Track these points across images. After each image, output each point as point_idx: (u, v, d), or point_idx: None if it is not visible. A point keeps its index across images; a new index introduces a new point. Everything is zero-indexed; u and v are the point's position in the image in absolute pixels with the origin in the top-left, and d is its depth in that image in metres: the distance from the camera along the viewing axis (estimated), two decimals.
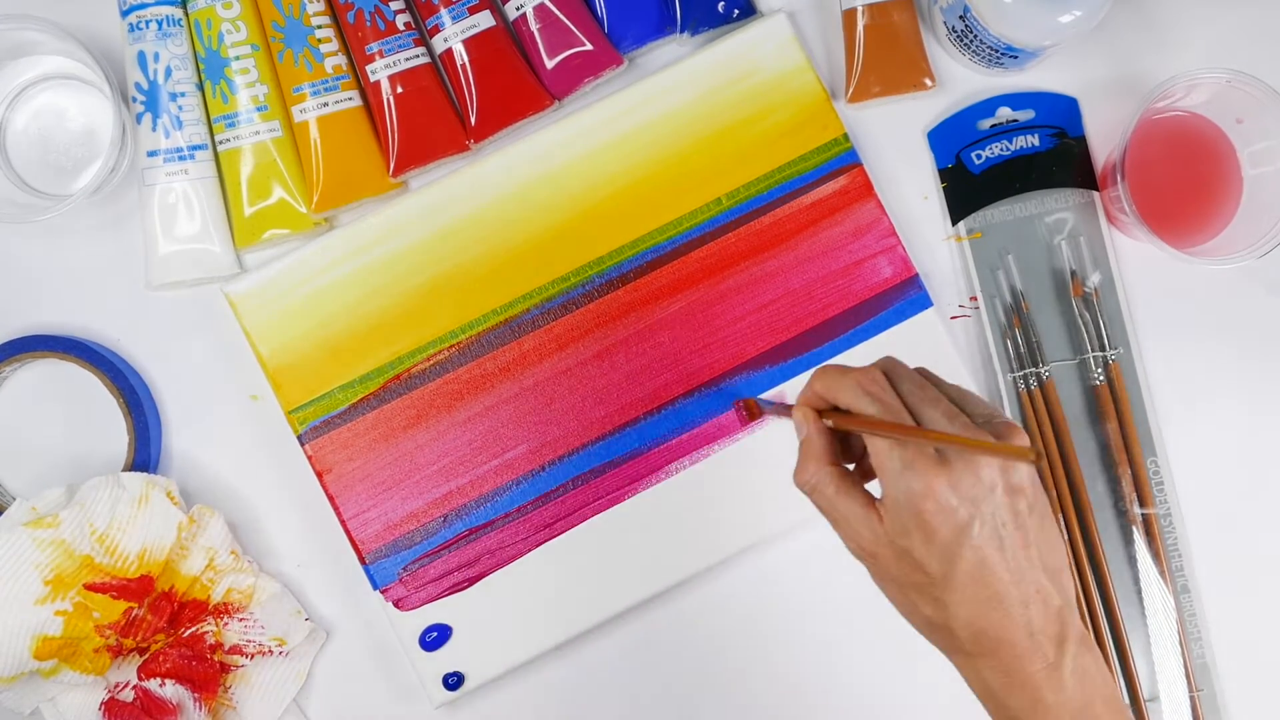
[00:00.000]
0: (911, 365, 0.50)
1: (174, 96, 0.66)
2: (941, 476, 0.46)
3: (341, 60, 0.67)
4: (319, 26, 0.67)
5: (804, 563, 0.68)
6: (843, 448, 0.51)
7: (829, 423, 0.50)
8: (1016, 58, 0.65)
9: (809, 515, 0.66)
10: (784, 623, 0.68)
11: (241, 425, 0.69)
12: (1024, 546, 0.47)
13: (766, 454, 0.67)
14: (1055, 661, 0.47)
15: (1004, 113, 0.68)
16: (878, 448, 0.47)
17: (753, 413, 0.65)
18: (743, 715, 0.68)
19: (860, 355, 0.67)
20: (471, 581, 0.66)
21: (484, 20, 0.67)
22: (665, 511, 0.66)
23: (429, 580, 0.66)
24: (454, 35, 0.66)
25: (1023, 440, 0.47)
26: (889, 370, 0.49)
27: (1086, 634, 0.49)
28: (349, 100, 0.67)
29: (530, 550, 0.66)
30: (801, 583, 0.68)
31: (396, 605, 0.66)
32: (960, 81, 0.69)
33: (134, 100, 0.67)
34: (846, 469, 0.50)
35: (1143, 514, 0.66)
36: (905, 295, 0.67)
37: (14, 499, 0.67)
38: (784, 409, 0.54)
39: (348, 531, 0.66)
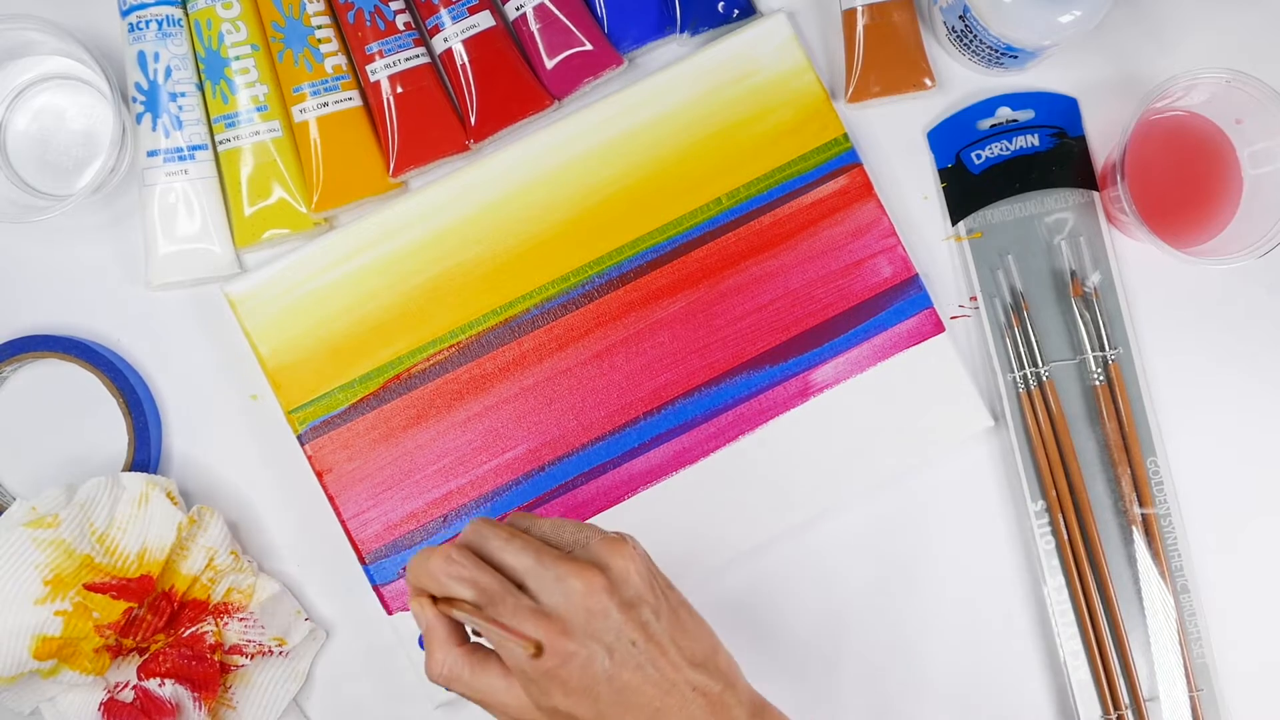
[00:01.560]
0: (906, 367, 0.50)
1: (174, 96, 0.67)
2: (553, 628, 0.45)
3: (341, 60, 0.67)
4: (319, 26, 0.67)
5: (804, 563, 0.68)
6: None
7: (440, 609, 0.49)
8: (1016, 58, 0.65)
9: (808, 516, 0.67)
10: (784, 622, 0.68)
11: (241, 425, 0.69)
12: (662, 654, 0.46)
13: (766, 455, 0.67)
14: None
15: (1004, 113, 0.68)
16: (483, 627, 0.47)
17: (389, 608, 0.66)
18: None
19: (860, 355, 0.67)
20: None
21: (484, 20, 0.67)
22: (664, 512, 0.66)
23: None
24: (454, 35, 0.66)
25: (619, 556, 0.47)
26: (474, 537, 0.49)
27: (758, 699, 0.49)
28: (349, 100, 0.67)
29: None
30: (801, 582, 0.68)
31: (395, 628, 0.66)
32: (960, 81, 0.69)
33: (134, 100, 0.67)
34: (478, 644, 0.49)
35: (1143, 514, 0.66)
36: (905, 295, 0.67)
37: (14, 499, 0.67)
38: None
39: (347, 531, 0.66)
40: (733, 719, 0.48)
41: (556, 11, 0.67)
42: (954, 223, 0.68)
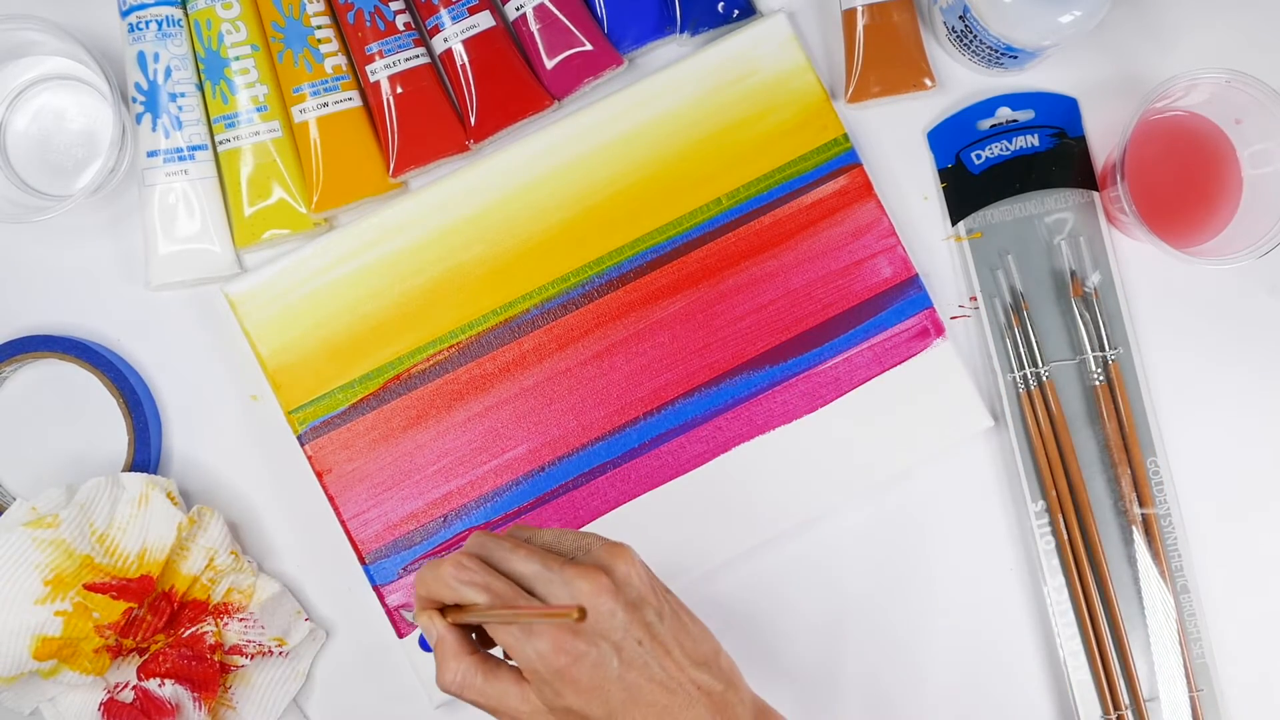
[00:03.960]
0: (906, 367, 0.50)
1: (174, 97, 0.67)
2: (562, 628, 0.46)
3: (341, 60, 0.67)
4: (319, 27, 0.67)
5: (804, 563, 0.68)
6: (479, 635, 0.51)
7: (450, 619, 0.50)
8: (1016, 58, 0.65)
9: (808, 517, 0.67)
10: (785, 622, 0.68)
11: (241, 425, 0.69)
12: (667, 654, 0.48)
13: (766, 455, 0.67)
14: None
15: (1004, 113, 0.68)
16: (495, 630, 0.48)
17: (399, 629, 0.66)
18: None
19: (860, 355, 0.67)
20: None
21: (484, 20, 0.67)
22: (664, 512, 0.66)
23: None
24: (454, 35, 0.66)
25: (622, 560, 0.48)
26: (478, 548, 0.50)
27: (760, 702, 0.50)
28: (349, 100, 0.67)
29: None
30: (802, 582, 0.68)
31: (396, 628, 0.66)
32: (960, 81, 0.69)
33: (134, 100, 0.67)
34: (488, 654, 0.50)
35: (1142, 514, 0.66)
36: (905, 295, 0.67)
37: (14, 499, 0.67)
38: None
39: (347, 532, 0.66)
40: (736, 717, 0.49)
41: (556, 11, 0.67)
42: (954, 223, 0.68)
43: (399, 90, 0.67)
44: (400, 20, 0.66)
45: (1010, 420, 0.67)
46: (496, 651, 0.52)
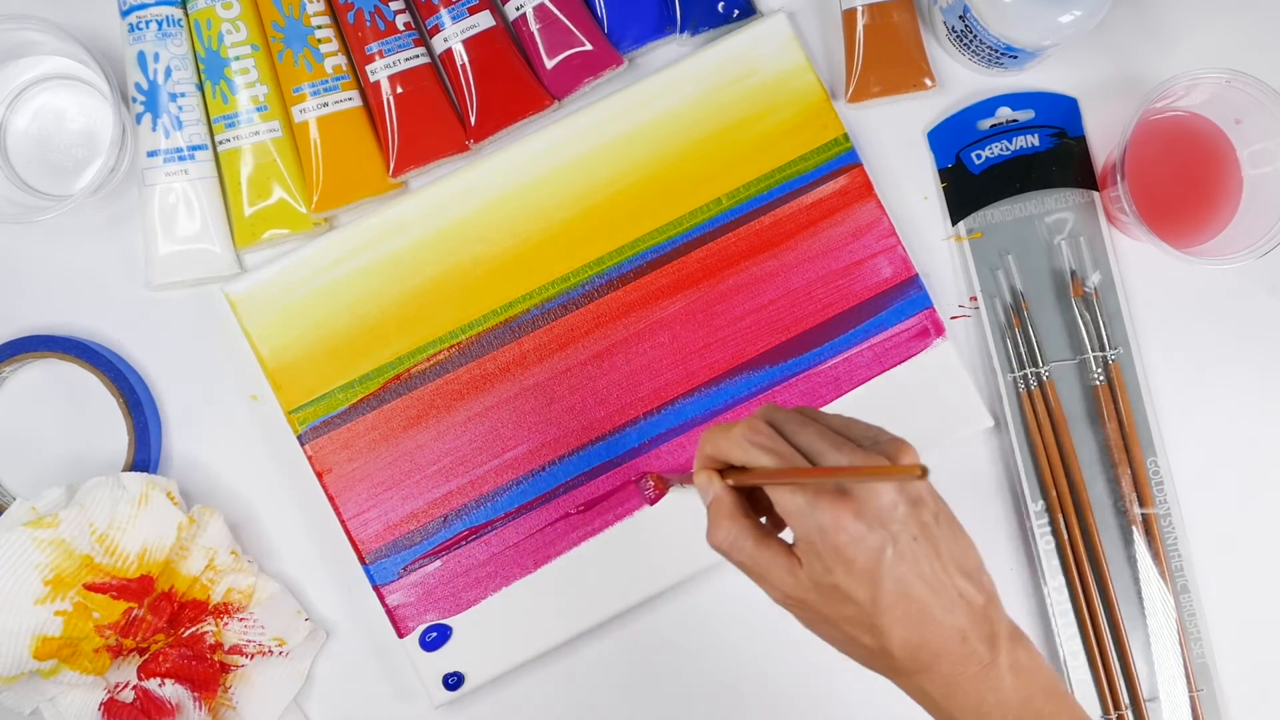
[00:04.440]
0: (906, 367, 0.51)
1: (174, 97, 0.66)
2: (846, 507, 0.46)
3: (341, 60, 0.67)
4: (319, 27, 0.67)
5: None
6: (750, 502, 0.51)
7: (730, 482, 0.50)
8: (1016, 58, 0.65)
9: None
10: (783, 621, 0.68)
11: (241, 425, 0.69)
12: (937, 556, 0.48)
13: None
14: (990, 661, 0.48)
15: (1004, 113, 0.68)
16: (780, 495, 0.48)
17: (659, 487, 0.66)
18: (746, 713, 0.68)
19: (860, 355, 0.67)
20: (474, 602, 0.66)
21: (484, 20, 0.67)
22: (665, 512, 0.66)
23: (430, 601, 0.66)
24: (454, 35, 0.66)
25: (911, 457, 0.48)
26: (770, 417, 0.50)
27: (1016, 628, 0.49)
28: (349, 100, 0.67)
29: (537, 568, 0.66)
30: None
31: (396, 627, 0.66)
32: (960, 81, 0.69)
33: (134, 100, 0.67)
34: (759, 522, 0.50)
35: (1143, 514, 0.66)
36: (905, 295, 0.67)
37: (14, 499, 0.67)
38: (687, 477, 0.55)
39: (348, 531, 0.66)
40: (993, 634, 0.48)
41: (556, 11, 0.67)
42: (954, 223, 0.68)
43: (399, 90, 0.67)
44: (400, 20, 0.66)
45: (1010, 420, 0.67)
46: None
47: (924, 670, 0.48)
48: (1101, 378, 0.67)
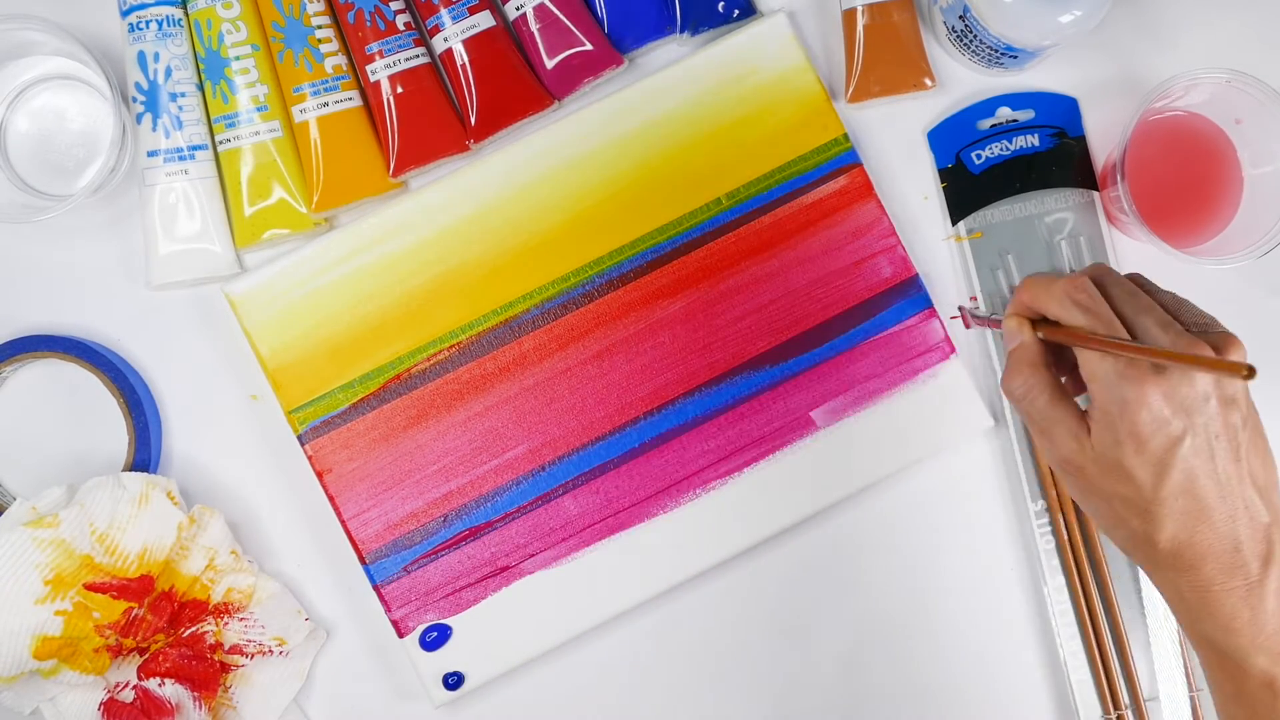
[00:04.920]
0: (904, 367, 0.50)
1: (174, 96, 0.67)
2: (1156, 386, 0.45)
3: (341, 60, 0.67)
4: (319, 26, 0.67)
5: (804, 561, 0.68)
6: (1054, 358, 0.49)
7: (1040, 335, 0.49)
8: (1016, 58, 0.65)
9: (808, 516, 0.67)
10: (786, 621, 0.68)
11: (241, 425, 0.69)
12: (1235, 461, 0.46)
13: (766, 455, 0.67)
14: (1259, 579, 0.46)
15: (1004, 113, 0.68)
16: (1088, 357, 0.46)
17: (965, 322, 0.65)
18: (748, 712, 0.68)
19: (861, 355, 0.67)
20: (474, 602, 0.66)
21: (484, 20, 0.67)
22: (666, 512, 0.66)
23: (430, 601, 0.66)
24: (454, 35, 0.66)
25: (1239, 354, 0.46)
26: (1099, 277, 0.48)
27: None
28: (349, 100, 0.67)
29: (537, 569, 0.66)
30: (800, 581, 0.68)
31: (396, 627, 0.66)
32: (960, 81, 0.69)
33: (134, 100, 0.67)
34: (1058, 379, 0.49)
35: None
36: (905, 295, 0.67)
37: (14, 499, 0.67)
38: (995, 321, 0.53)
39: (348, 531, 0.66)
40: (1270, 554, 0.46)
41: (556, 11, 0.67)
42: (954, 223, 0.68)
43: (399, 90, 0.67)
44: (400, 20, 0.66)
45: (1010, 420, 0.67)
46: None
47: (1185, 569, 0.46)
48: None
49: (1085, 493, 0.48)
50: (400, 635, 0.66)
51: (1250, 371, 0.42)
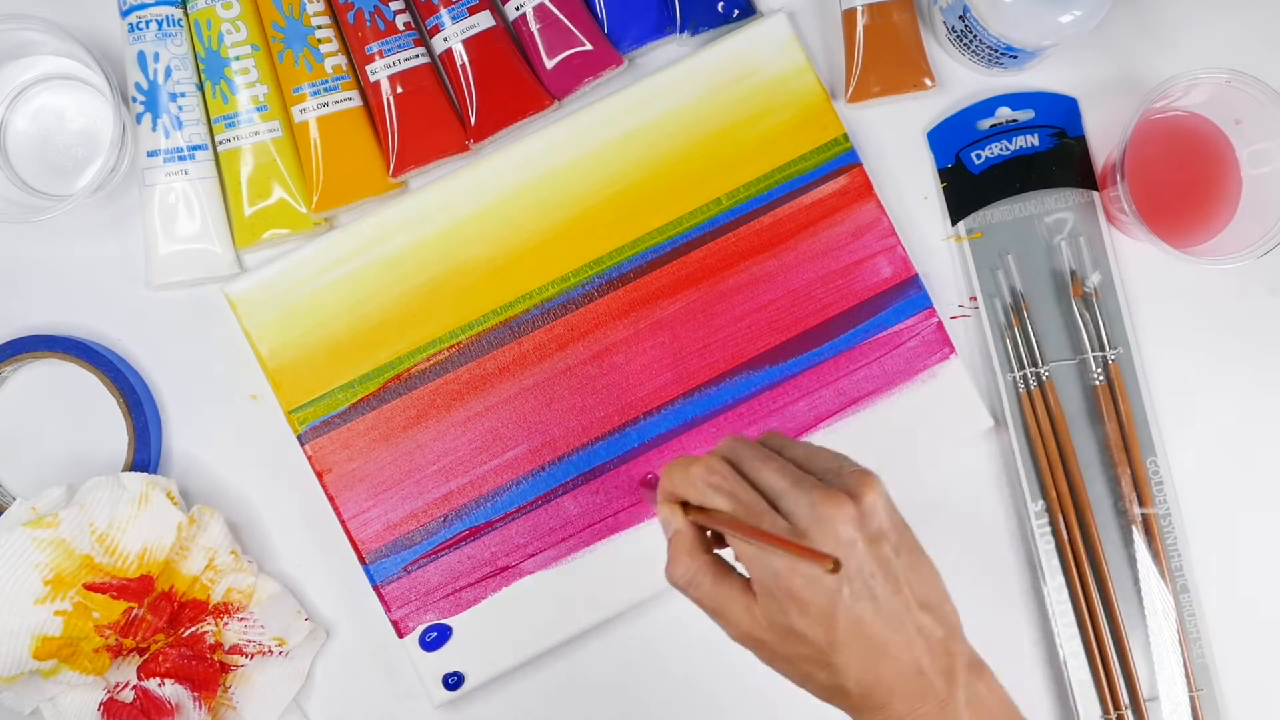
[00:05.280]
0: (903, 365, 0.50)
1: (174, 96, 0.67)
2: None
3: (341, 60, 0.67)
4: (319, 27, 0.67)
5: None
6: (714, 534, 0.51)
7: (691, 518, 0.50)
8: (1016, 58, 0.65)
9: None
10: None
11: (241, 425, 0.69)
12: (896, 592, 0.47)
13: None
14: (947, 696, 0.47)
15: (1004, 113, 0.68)
16: (733, 538, 0.48)
17: (647, 500, 0.66)
18: (748, 712, 0.68)
19: (860, 355, 0.67)
20: (473, 602, 0.66)
21: (484, 20, 0.67)
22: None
23: (430, 601, 0.66)
24: (454, 35, 0.66)
25: (873, 489, 0.48)
26: (730, 453, 0.49)
27: (977, 659, 0.49)
28: (349, 100, 0.67)
29: (537, 569, 0.66)
30: None
31: (396, 627, 0.66)
32: (960, 81, 0.69)
33: (134, 100, 0.67)
34: (719, 557, 0.50)
35: (1142, 514, 0.66)
36: (905, 295, 0.67)
37: (14, 499, 0.67)
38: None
39: (347, 531, 0.66)
40: (952, 668, 0.48)
41: (556, 11, 0.67)
42: (954, 223, 0.68)
43: (399, 90, 0.67)
44: (400, 20, 0.66)
45: (1010, 420, 0.67)
46: (727, 555, 0.51)
47: (880, 708, 0.47)
48: (1101, 378, 0.67)
49: (771, 660, 0.49)
50: (400, 635, 0.66)
51: (836, 565, 0.44)
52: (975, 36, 0.64)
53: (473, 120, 0.67)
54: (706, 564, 0.49)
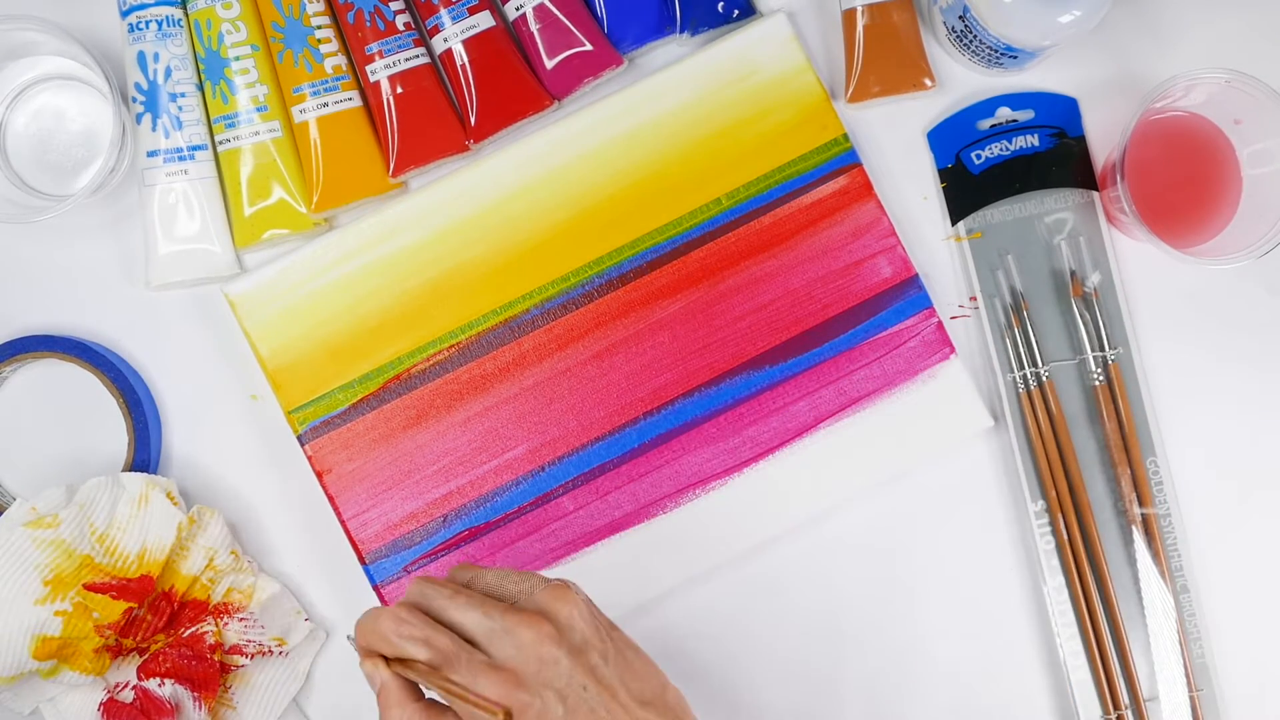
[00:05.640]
0: (903, 365, 0.50)
1: (174, 97, 0.67)
2: (506, 680, 0.46)
3: (341, 60, 0.67)
4: (319, 27, 0.67)
5: (802, 563, 0.68)
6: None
7: (392, 669, 0.49)
8: (1016, 58, 0.65)
9: (807, 517, 0.67)
10: (782, 623, 0.68)
11: (241, 425, 0.69)
12: (612, 697, 0.47)
13: (766, 455, 0.67)
14: None
15: (1004, 113, 0.68)
16: (427, 687, 0.47)
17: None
18: (748, 712, 0.68)
19: (860, 355, 0.67)
20: None
21: (484, 20, 0.67)
22: (666, 514, 0.66)
23: None
24: (454, 35, 0.66)
25: (567, 599, 0.48)
26: (419, 598, 0.49)
27: None
28: (349, 100, 0.67)
29: (540, 569, 0.66)
30: (800, 582, 0.68)
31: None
32: (960, 81, 0.69)
33: (134, 100, 0.67)
34: (432, 701, 0.50)
35: (1142, 514, 0.66)
36: (905, 295, 0.67)
37: (14, 499, 0.67)
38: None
39: (347, 531, 0.66)
40: None
41: (556, 11, 0.67)
42: (954, 223, 0.68)
43: (399, 90, 0.67)
44: (400, 20, 0.66)
45: (1010, 420, 0.67)
46: None
47: None
48: (1101, 378, 0.67)
49: None
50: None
51: (507, 715, 0.44)
52: (975, 36, 0.64)
53: (473, 120, 0.67)
54: (418, 711, 0.49)
